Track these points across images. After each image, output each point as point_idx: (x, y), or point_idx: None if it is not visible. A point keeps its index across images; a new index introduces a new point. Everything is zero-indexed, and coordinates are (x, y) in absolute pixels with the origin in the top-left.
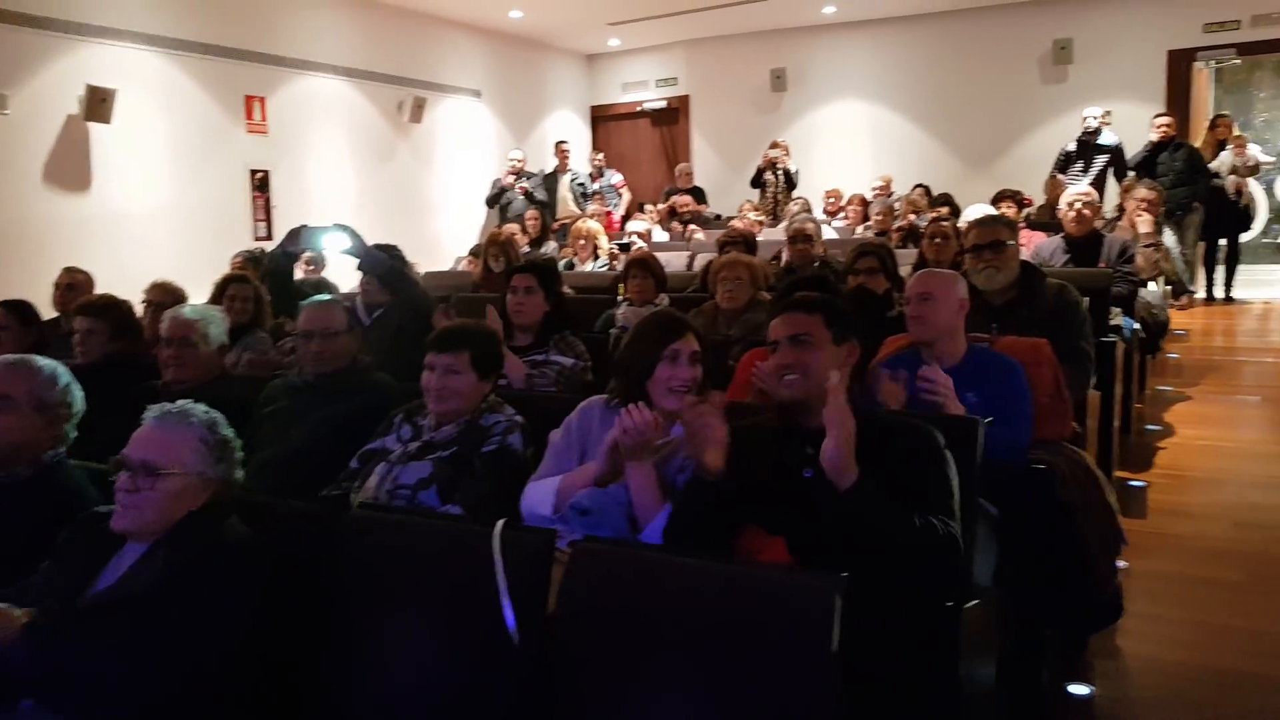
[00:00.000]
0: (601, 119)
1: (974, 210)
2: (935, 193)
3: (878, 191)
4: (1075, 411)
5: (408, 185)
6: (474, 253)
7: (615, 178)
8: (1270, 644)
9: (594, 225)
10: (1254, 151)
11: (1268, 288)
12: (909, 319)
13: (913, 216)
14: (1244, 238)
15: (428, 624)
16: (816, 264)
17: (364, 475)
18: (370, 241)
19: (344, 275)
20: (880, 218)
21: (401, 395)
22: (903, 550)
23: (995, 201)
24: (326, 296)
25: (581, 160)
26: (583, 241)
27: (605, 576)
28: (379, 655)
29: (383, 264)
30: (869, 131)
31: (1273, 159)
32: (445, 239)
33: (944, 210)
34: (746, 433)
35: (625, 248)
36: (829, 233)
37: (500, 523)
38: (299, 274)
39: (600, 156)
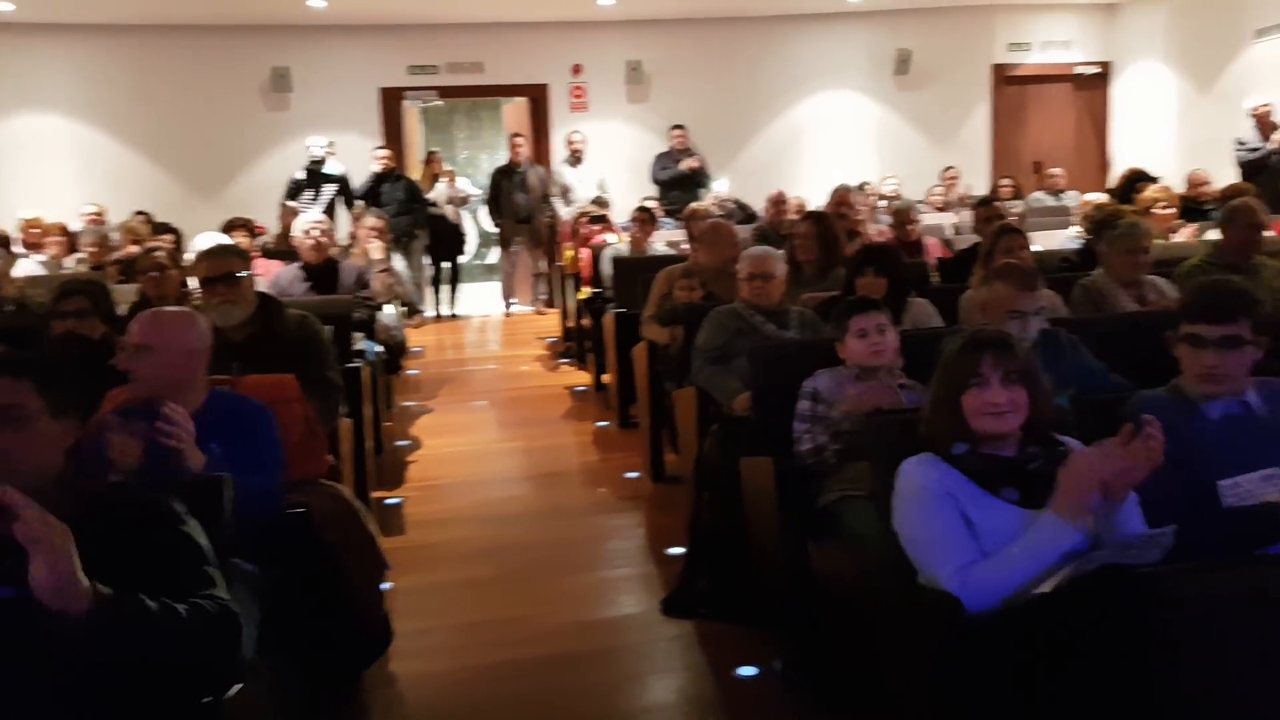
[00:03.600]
0: None
1: (203, 240)
2: (160, 220)
3: (88, 219)
4: (329, 443)
5: None
6: None
7: None
8: (522, 629)
9: None
10: (464, 184)
11: (483, 303)
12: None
13: (134, 248)
14: (461, 260)
15: None
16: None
17: None
18: None
19: None
20: (94, 250)
21: None
22: (177, 652)
23: (227, 230)
24: None
25: None
26: None
27: None
28: None
29: None
30: (71, 152)
31: (478, 191)
32: None
33: (166, 239)
34: None
35: None
36: (32, 267)
37: None
38: None
39: None
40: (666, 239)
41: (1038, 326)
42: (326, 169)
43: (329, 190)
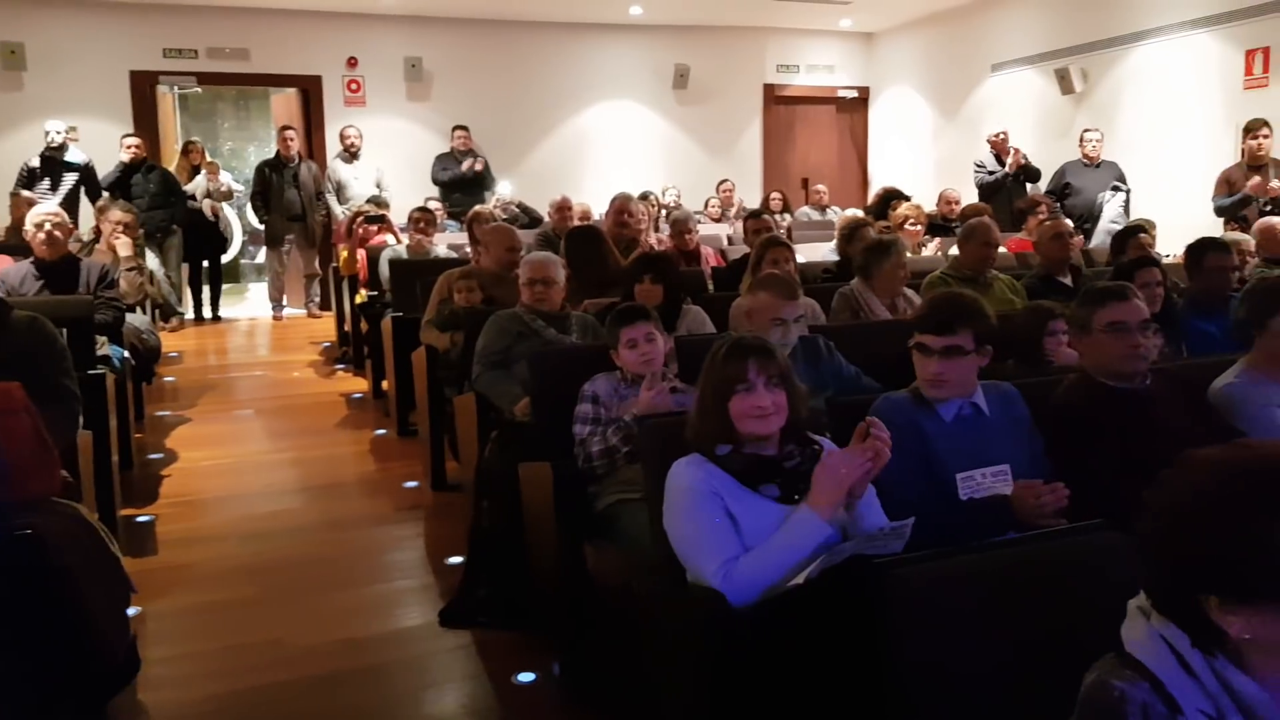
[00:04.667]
0: None
1: None
2: None
3: None
4: (65, 458)
5: None
6: None
7: None
8: (288, 650)
9: None
10: (226, 178)
11: (250, 305)
12: None
13: None
14: (224, 258)
15: None
16: None
17: None
18: None
19: None
20: None
21: None
22: None
23: None
24: None
25: None
26: None
27: None
28: None
29: None
30: None
31: (242, 186)
32: None
33: None
34: None
35: None
36: None
37: None
38: None
39: None
40: (448, 242)
41: (798, 333)
42: (68, 156)
43: (69, 179)
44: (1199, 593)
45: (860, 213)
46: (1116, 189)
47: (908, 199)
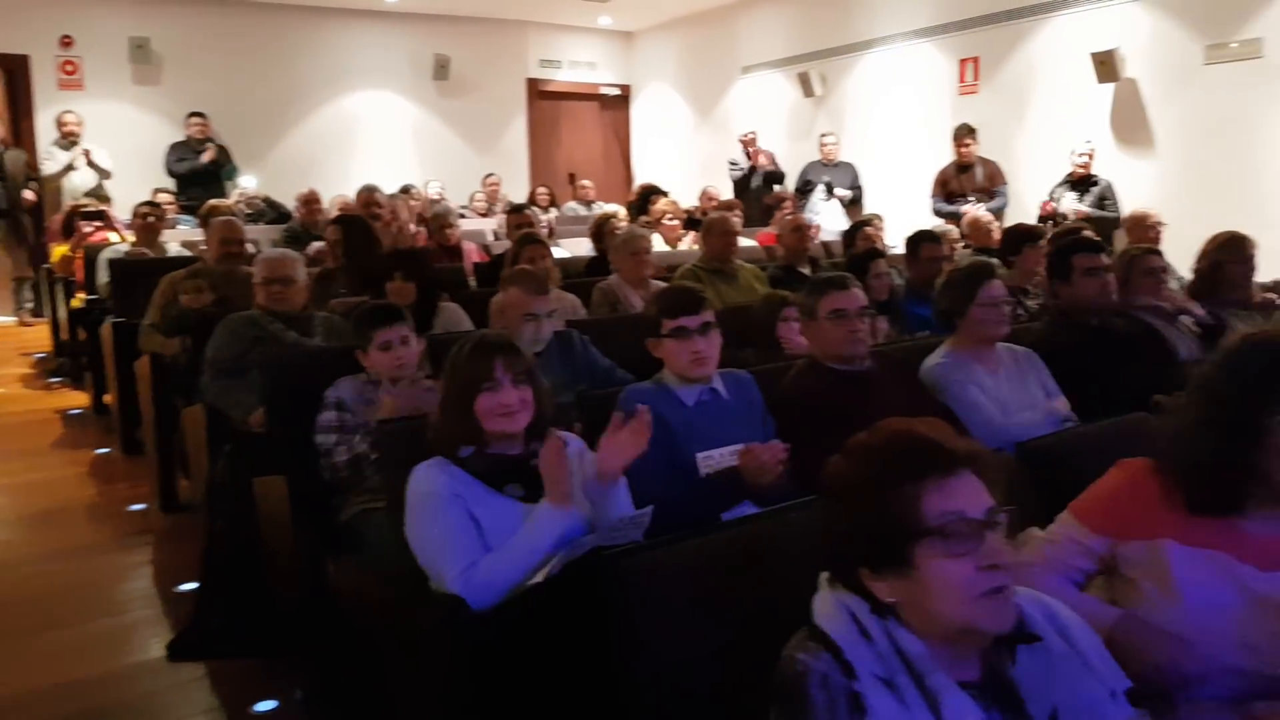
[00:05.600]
0: None
1: None
2: None
3: None
4: None
5: None
6: None
7: None
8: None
9: None
10: None
11: None
12: None
13: None
14: None
15: None
16: None
17: None
18: None
19: None
20: None
21: None
22: None
23: None
24: None
25: None
26: None
27: None
28: None
29: None
30: None
31: None
32: None
33: None
34: None
35: None
36: None
37: None
38: None
39: None
40: (183, 239)
41: (552, 328)
42: None
43: None
44: (854, 564)
45: (620, 208)
46: (831, 192)
47: (666, 195)
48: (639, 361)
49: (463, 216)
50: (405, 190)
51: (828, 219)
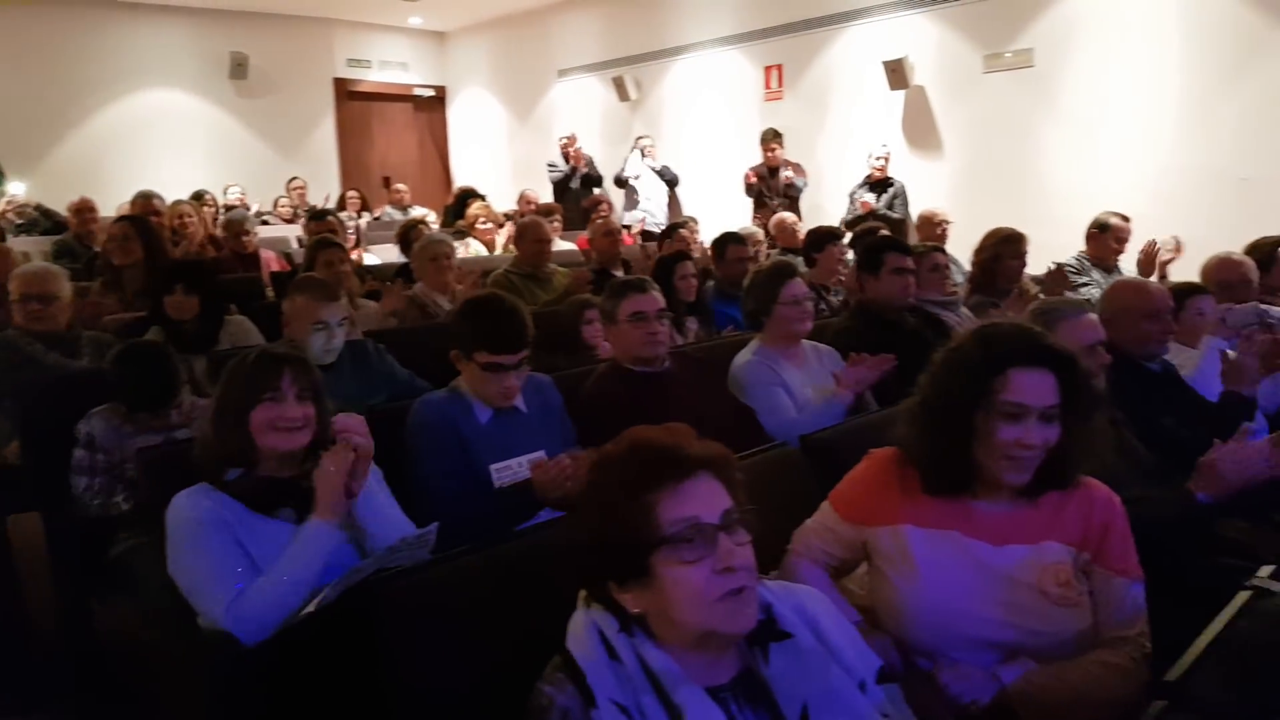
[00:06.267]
0: None
1: None
2: None
3: None
4: None
5: None
6: None
7: None
8: None
9: None
10: None
11: None
12: None
13: None
14: None
15: None
16: None
17: None
18: None
19: None
20: None
21: None
22: None
23: None
24: None
25: None
26: None
27: None
28: None
29: None
30: None
31: None
32: None
33: None
34: None
35: None
36: None
37: None
38: None
39: None
40: None
41: (344, 336)
42: None
43: None
44: (602, 578)
45: (430, 213)
46: (663, 177)
47: (483, 198)
48: (439, 372)
49: (265, 223)
50: (198, 197)
51: (659, 207)
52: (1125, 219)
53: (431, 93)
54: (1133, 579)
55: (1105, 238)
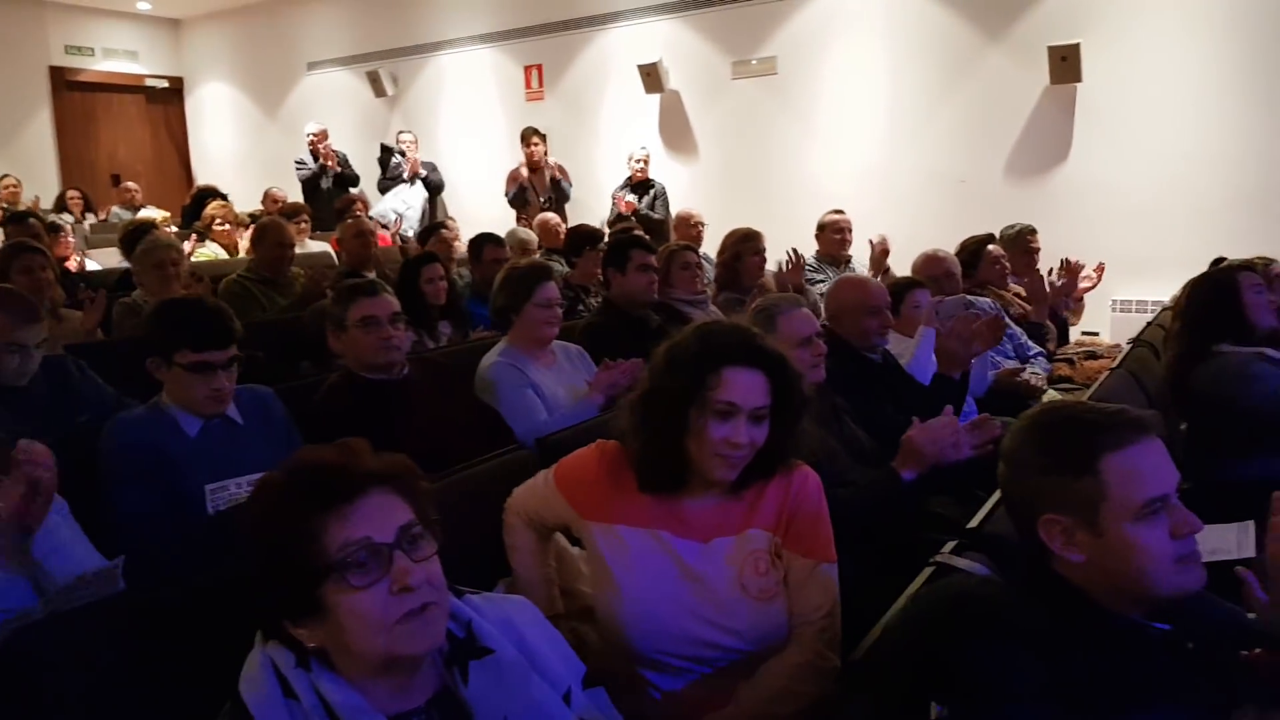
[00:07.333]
0: None
1: None
2: None
3: None
4: None
5: None
6: None
7: None
8: None
9: None
10: None
11: None
12: None
13: None
14: None
15: None
16: None
17: None
18: None
19: None
20: None
21: None
22: None
23: None
24: None
25: None
26: None
27: None
28: None
29: None
30: None
31: None
32: None
33: None
34: None
35: None
36: None
37: None
38: None
39: None
40: None
41: (38, 359)
42: None
43: None
44: (274, 614)
45: (160, 214)
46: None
47: (224, 197)
48: (146, 389)
49: None
50: None
51: (417, 207)
52: (839, 213)
53: (166, 84)
54: (819, 560)
55: (827, 235)
